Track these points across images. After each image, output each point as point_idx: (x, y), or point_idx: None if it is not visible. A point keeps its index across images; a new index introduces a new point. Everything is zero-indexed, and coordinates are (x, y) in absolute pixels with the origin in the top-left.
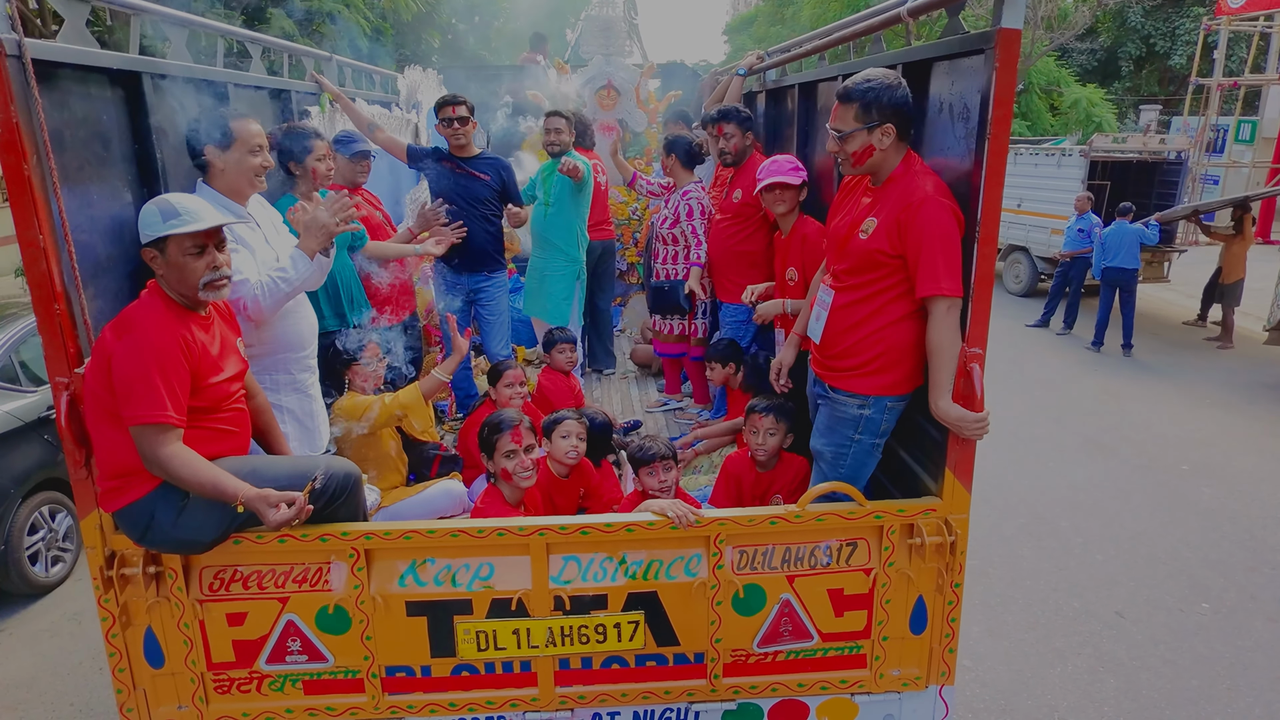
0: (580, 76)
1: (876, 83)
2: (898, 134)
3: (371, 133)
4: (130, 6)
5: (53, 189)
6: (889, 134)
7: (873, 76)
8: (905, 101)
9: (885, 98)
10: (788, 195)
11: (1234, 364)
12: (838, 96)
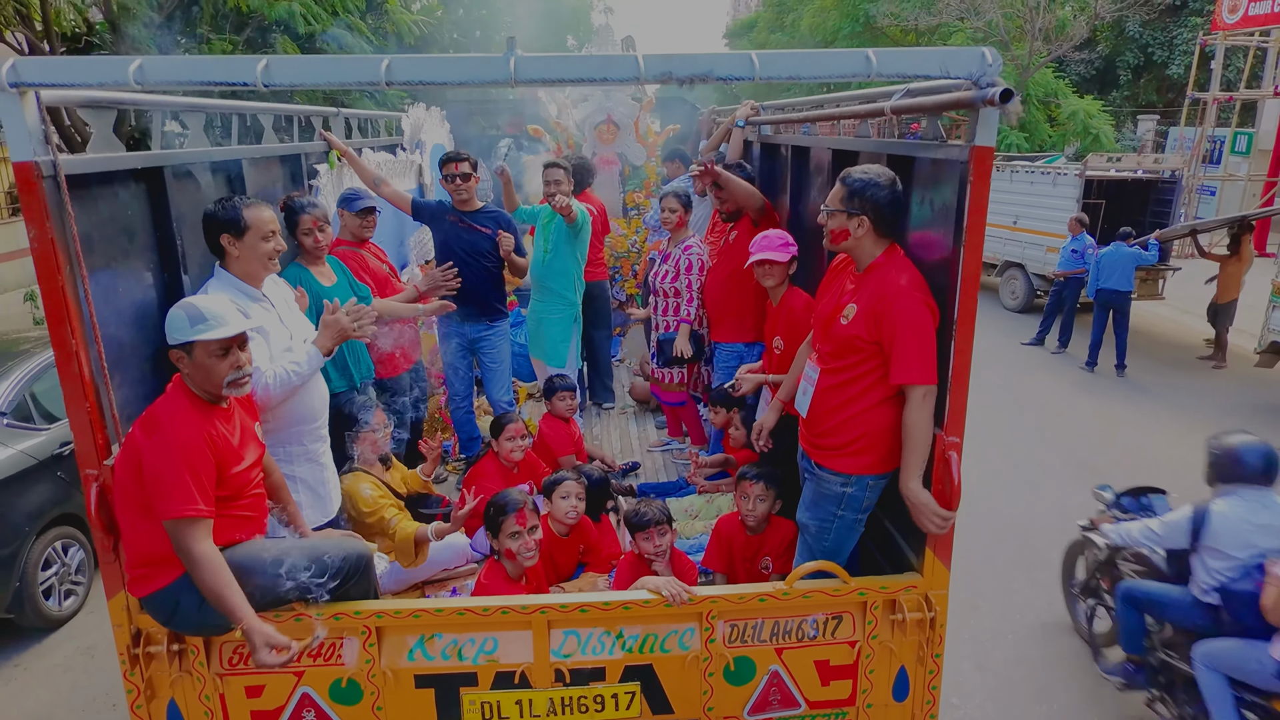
0: (580, 111)
1: (869, 179)
2: (874, 228)
3: (377, 187)
4: (151, 104)
5: (84, 295)
6: (863, 225)
7: (870, 172)
8: (889, 202)
9: (870, 193)
10: (776, 270)
11: (1227, 384)
12: (839, 179)
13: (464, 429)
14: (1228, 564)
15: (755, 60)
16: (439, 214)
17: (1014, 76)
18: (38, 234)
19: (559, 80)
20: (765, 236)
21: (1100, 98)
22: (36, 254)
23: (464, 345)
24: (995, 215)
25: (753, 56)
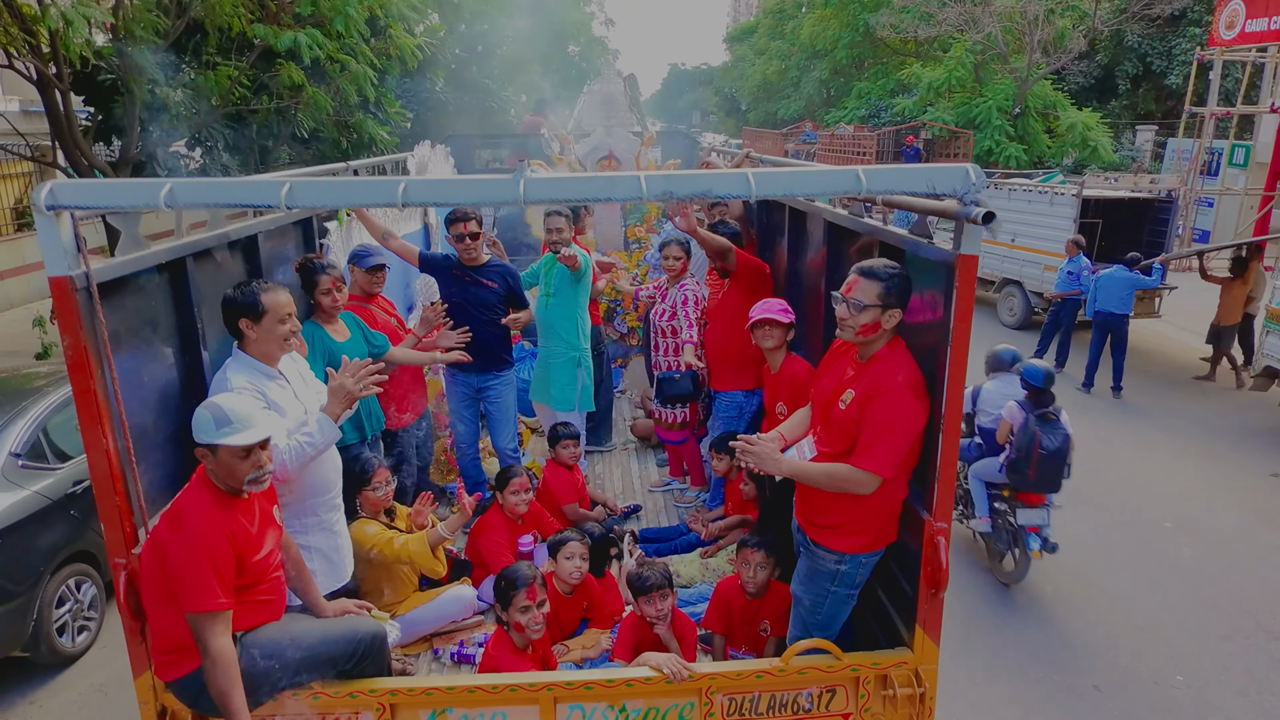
0: (583, 147)
1: (899, 272)
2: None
3: (386, 240)
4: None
5: (114, 394)
6: (895, 318)
7: (893, 266)
8: (911, 294)
9: (904, 287)
10: (776, 332)
11: (1221, 406)
12: (861, 272)
13: (470, 474)
14: (988, 418)
15: (751, 180)
16: (445, 268)
17: (1013, 88)
18: (72, 342)
19: (566, 199)
20: (765, 302)
21: (1099, 107)
22: (70, 360)
23: (470, 394)
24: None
25: (749, 176)
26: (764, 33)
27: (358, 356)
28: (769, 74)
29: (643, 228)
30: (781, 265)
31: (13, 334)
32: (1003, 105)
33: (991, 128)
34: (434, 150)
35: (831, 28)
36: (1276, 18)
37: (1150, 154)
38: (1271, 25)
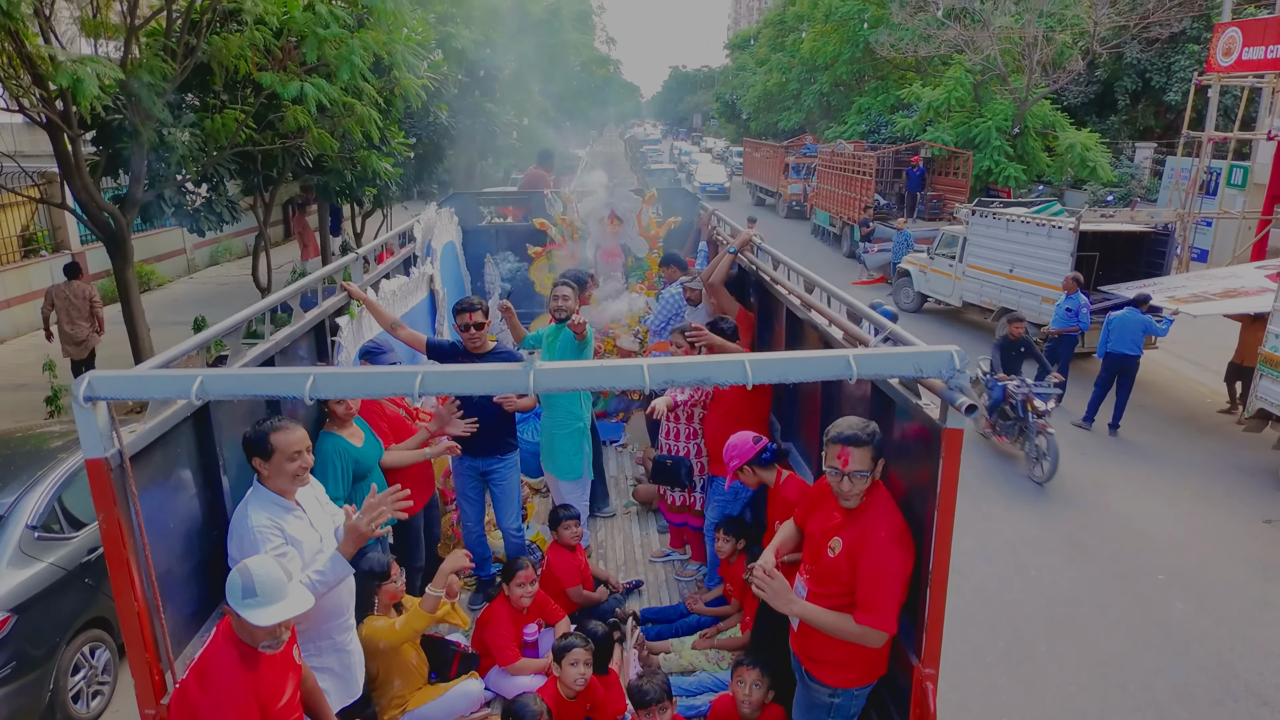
0: (585, 206)
1: (875, 428)
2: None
3: (395, 330)
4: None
5: (145, 555)
6: (881, 466)
7: (866, 425)
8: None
9: (883, 441)
10: (756, 471)
11: (1217, 444)
12: (847, 442)
13: (476, 551)
14: None
15: (748, 367)
16: (452, 355)
17: (1012, 109)
18: (106, 518)
19: (574, 388)
20: (734, 446)
21: (1098, 123)
22: (105, 534)
23: (475, 477)
24: (991, 262)
25: (745, 364)
26: (765, 43)
27: (377, 459)
28: (769, 86)
29: (643, 285)
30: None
31: (20, 364)
32: (1002, 125)
33: (991, 148)
34: (440, 212)
35: (832, 43)
36: (1274, 46)
37: (1149, 171)
38: (1269, 54)
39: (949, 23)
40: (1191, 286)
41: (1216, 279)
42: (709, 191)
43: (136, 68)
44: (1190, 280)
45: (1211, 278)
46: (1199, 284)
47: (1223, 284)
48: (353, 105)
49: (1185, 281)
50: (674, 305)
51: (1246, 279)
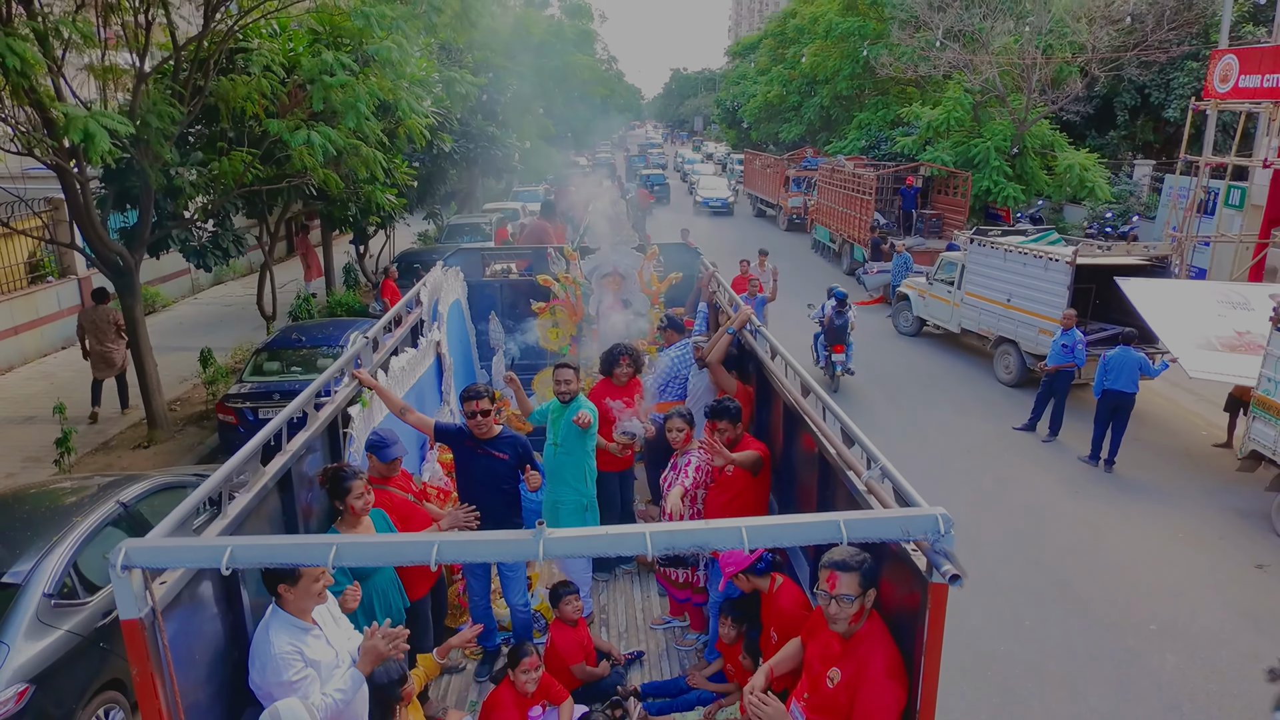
0: (588, 263)
1: (866, 556)
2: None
3: (404, 415)
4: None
5: (175, 702)
6: (873, 596)
7: (856, 553)
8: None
9: (874, 569)
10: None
11: (1210, 481)
12: (835, 567)
13: (481, 619)
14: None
15: (744, 533)
16: (459, 439)
17: (1011, 129)
18: (140, 672)
19: (581, 553)
20: (726, 556)
21: (1098, 136)
22: (139, 687)
23: None
24: (989, 290)
25: (743, 530)
26: (766, 53)
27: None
28: (770, 97)
29: (645, 340)
30: (778, 442)
31: (29, 395)
32: (1001, 145)
33: (990, 168)
34: (446, 273)
35: (832, 58)
36: (1270, 75)
37: (1148, 187)
38: (1265, 82)
39: (948, 43)
40: (1201, 319)
41: (1226, 308)
42: (711, 207)
43: (145, 112)
44: (1200, 302)
45: (1222, 304)
46: (1208, 317)
47: (1231, 326)
48: (358, 146)
49: (1195, 298)
50: (680, 366)
51: (1255, 312)
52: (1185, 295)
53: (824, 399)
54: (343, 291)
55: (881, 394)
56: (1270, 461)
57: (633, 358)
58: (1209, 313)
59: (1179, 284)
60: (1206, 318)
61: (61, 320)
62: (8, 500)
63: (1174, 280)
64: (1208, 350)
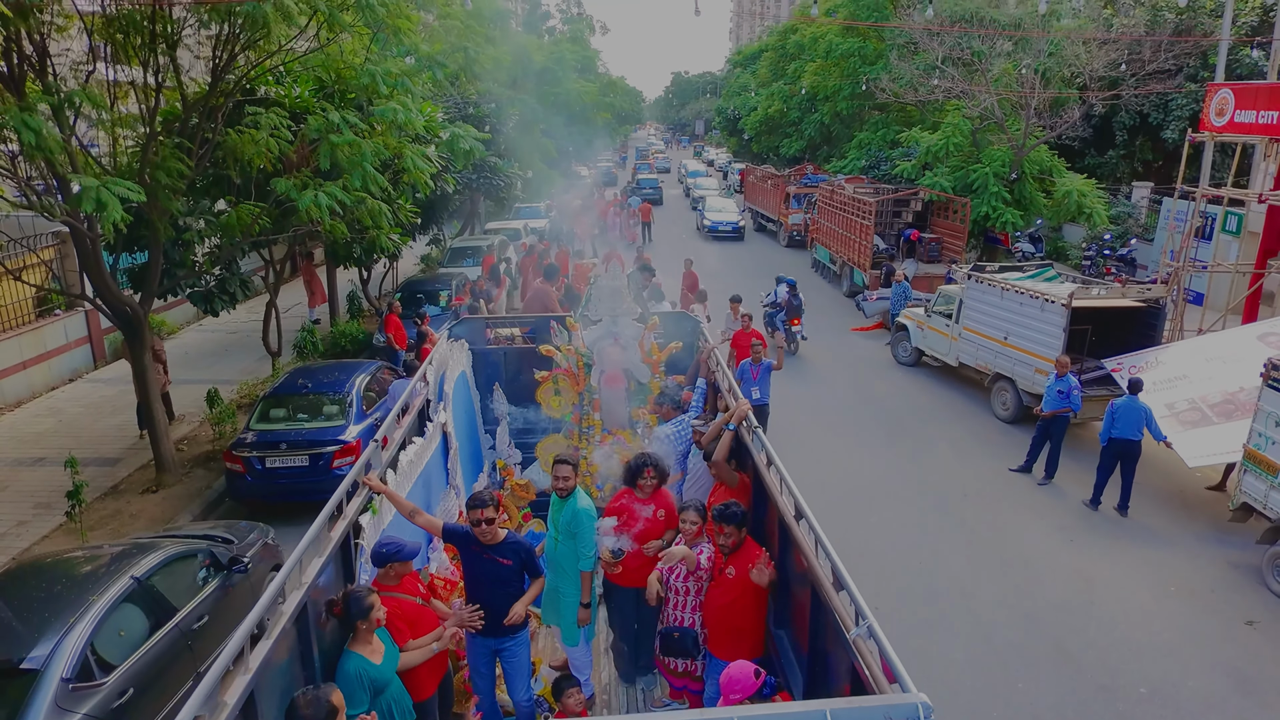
0: (591, 333)
1: None
2: None
3: (413, 517)
4: None
5: None
6: None
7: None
8: None
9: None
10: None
11: (1203, 528)
12: None
13: (486, 697)
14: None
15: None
16: (465, 543)
17: (1009, 155)
18: None
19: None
20: (733, 680)
21: (1097, 155)
22: None
23: (487, 654)
24: (986, 327)
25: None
26: (767, 66)
27: (394, 669)
28: (771, 112)
29: (645, 409)
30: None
31: (38, 433)
32: (999, 171)
33: (989, 193)
34: (453, 347)
35: (832, 78)
36: (1265, 112)
37: (1147, 209)
38: (1260, 119)
39: (946, 69)
40: (1191, 380)
41: (1218, 364)
42: (720, 232)
43: (154, 169)
44: (1189, 362)
45: (1211, 361)
46: (1198, 377)
47: (1220, 385)
48: (364, 198)
49: (1184, 360)
50: (678, 442)
51: (1244, 362)
52: (1173, 361)
53: (816, 530)
54: (346, 319)
55: (880, 429)
56: (1261, 514)
57: (657, 470)
58: (1199, 373)
59: (1167, 352)
60: (1196, 378)
61: (69, 353)
62: (23, 575)
63: (1159, 348)
64: (1203, 426)
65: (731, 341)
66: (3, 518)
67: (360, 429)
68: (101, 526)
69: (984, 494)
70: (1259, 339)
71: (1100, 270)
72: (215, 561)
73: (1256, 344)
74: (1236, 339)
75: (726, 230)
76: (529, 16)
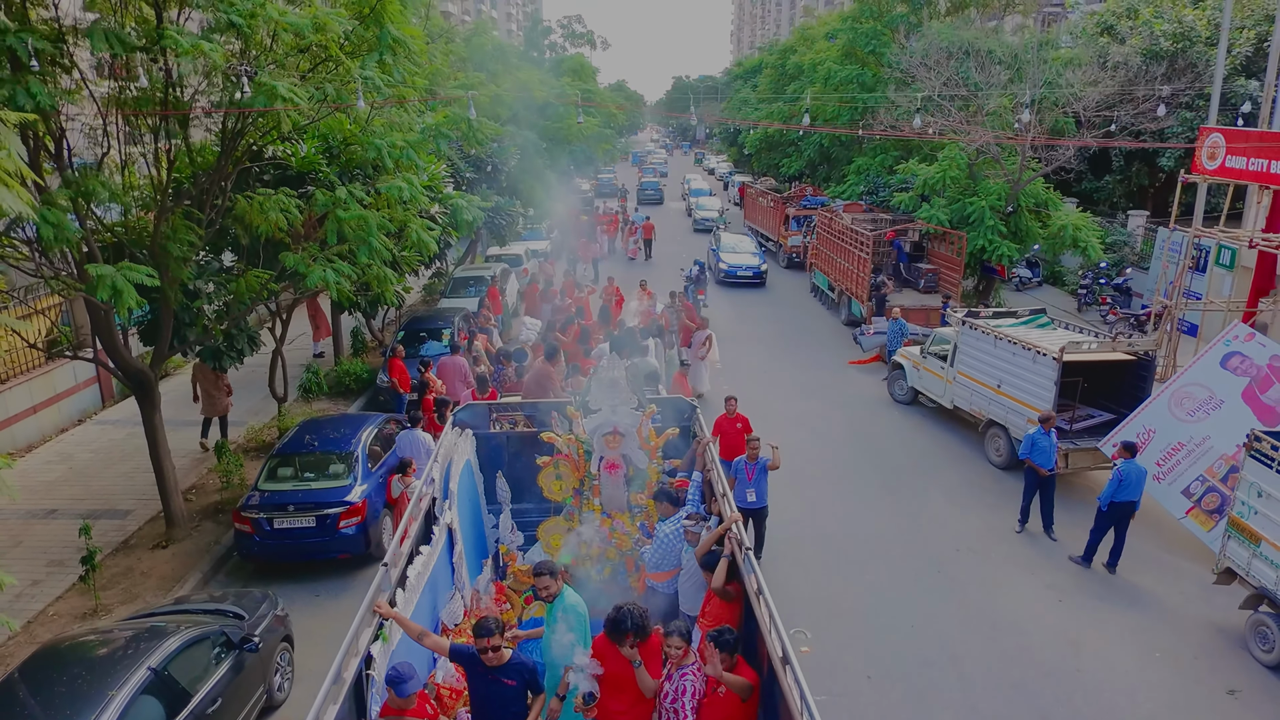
0: (590, 423)
1: None
2: None
3: (421, 639)
4: None
5: None
6: None
7: None
8: None
9: None
10: None
11: (1189, 586)
12: None
13: None
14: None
15: None
16: (472, 664)
17: (1005, 189)
18: None
19: None
20: None
21: (1094, 180)
22: None
23: None
24: (980, 373)
25: None
26: (767, 84)
27: None
28: (771, 132)
29: (644, 494)
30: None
31: (49, 482)
32: (995, 205)
33: (985, 226)
34: (460, 437)
35: (830, 105)
36: (1255, 159)
37: (1142, 237)
38: (1250, 165)
39: (941, 103)
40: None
41: (1202, 419)
42: (740, 277)
43: (166, 240)
44: (1178, 427)
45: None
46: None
47: (1223, 454)
48: (370, 265)
49: (1172, 425)
50: (675, 540)
51: (1225, 404)
52: (1163, 428)
53: (802, 685)
54: (349, 356)
55: (876, 474)
56: (1243, 580)
57: (639, 632)
58: (1192, 437)
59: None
60: (1194, 449)
61: (78, 394)
62: (44, 664)
63: (1145, 416)
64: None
65: (714, 429)
66: (19, 575)
67: (365, 489)
68: (114, 586)
69: (976, 549)
70: (1222, 366)
71: (1096, 299)
72: (228, 640)
73: (1224, 374)
74: (1205, 374)
75: (748, 275)
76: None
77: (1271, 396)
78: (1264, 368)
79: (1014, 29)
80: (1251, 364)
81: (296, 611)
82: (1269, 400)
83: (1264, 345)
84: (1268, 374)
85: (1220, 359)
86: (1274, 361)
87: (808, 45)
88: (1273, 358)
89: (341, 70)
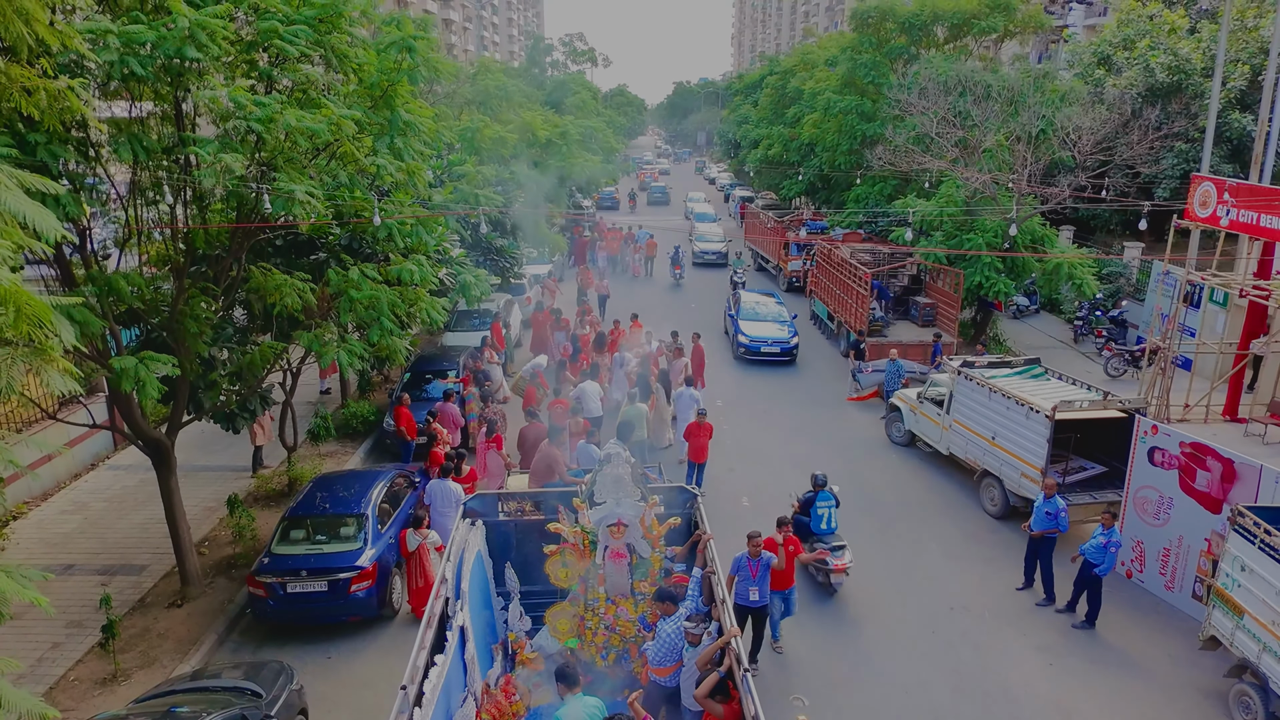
0: (596, 514)
1: None
2: None
3: None
4: None
5: None
6: None
7: None
8: None
9: None
10: None
11: (1176, 648)
12: None
13: None
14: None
15: None
16: None
17: (1003, 226)
18: None
19: None
20: None
21: (1089, 210)
22: None
23: None
24: (975, 424)
25: None
26: (768, 101)
27: None
28: (771, 155)
29: (646, 582)
30: None
31: (65, 534)
32: (992, 242)
33: (981, 263)
34: (473, 529)
35: (830, 133)
36: (1245, 212)
37: (1137, 268)
38: (1240, 218)
39: (939, 140)
40: (1173, 554)
41: (1178, 526)
42: (764, 355)
43: (183, 316)
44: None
45: None
46: (1175, 550)
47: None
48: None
49: (1152, 536)
50: (673, 642)
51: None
52: (1144, 539)
53: None
54: (356, 395)
55: (872, 523)
56: (1227, 650)
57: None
58: (1175, 548)
59: (1136, 531)
60: (1180, 559)
61: (91, 439)
62: None
63: (1127, 527)
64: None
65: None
66: (39, 638)
67: (376, 551)
68: (132, 649)
69: (970, 608)
70: (1151, 464)
71: (1092, 330)
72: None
73: (1156, 471)
74: (1144, 476)
75: (774, 350)
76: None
77: (1200, 484)
78: (1180, 457)
79: (1010, 60)
80: (1169, 455)
81: (309, 674)
82: (1201, 488)
83: (1169, 434)
84: (1187, 462)
85: (1146, 458)
86: (1184, 449)
87: (808, 70)
88: (1181, 444)
89: (352, 162)
